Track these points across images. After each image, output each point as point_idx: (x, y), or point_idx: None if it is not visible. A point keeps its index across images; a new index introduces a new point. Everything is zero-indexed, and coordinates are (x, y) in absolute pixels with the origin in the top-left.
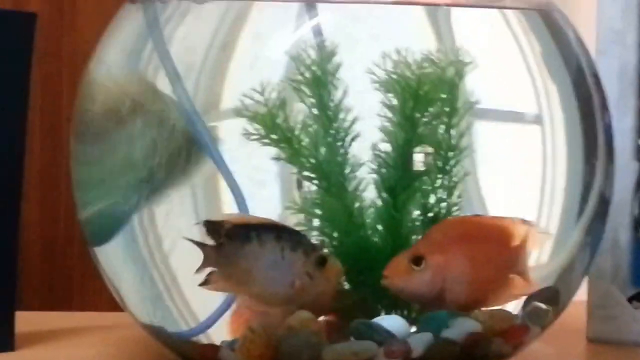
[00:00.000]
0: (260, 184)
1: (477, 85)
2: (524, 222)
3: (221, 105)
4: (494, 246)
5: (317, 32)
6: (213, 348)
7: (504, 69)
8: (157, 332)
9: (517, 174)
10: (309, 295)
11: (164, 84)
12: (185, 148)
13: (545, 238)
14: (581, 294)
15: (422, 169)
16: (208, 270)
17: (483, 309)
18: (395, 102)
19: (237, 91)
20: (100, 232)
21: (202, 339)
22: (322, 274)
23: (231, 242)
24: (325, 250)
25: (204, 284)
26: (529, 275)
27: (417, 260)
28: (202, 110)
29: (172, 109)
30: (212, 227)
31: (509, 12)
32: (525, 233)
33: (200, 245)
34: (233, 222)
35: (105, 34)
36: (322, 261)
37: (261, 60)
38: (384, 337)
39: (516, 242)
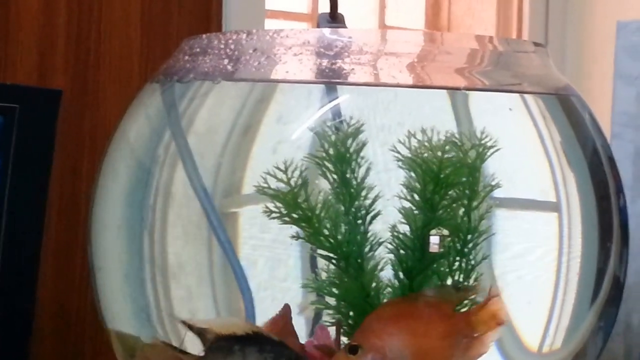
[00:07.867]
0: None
1: (497, 171)
2: (458, 288)
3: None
4: (432, 318)
5: (338, 112)
6: None
7: (522, 154)
8: None
9: (532, 260)
10: None
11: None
12: None
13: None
14: None
15: (440, 251)
16: None
17: None
18: (416, 184)
19: (260, 170)
20: None
21: None
22: None
23: (214, 355)
24: None
25: None
26: (482, 335)
27: (354, 350)
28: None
29: None
30: (195, 331)
31: (528, 96)
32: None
33: (184, 353)
34: (216, 331)
35: (126, 112)
36: None
37: (285, 139)
38: None
39: (457, 308)
